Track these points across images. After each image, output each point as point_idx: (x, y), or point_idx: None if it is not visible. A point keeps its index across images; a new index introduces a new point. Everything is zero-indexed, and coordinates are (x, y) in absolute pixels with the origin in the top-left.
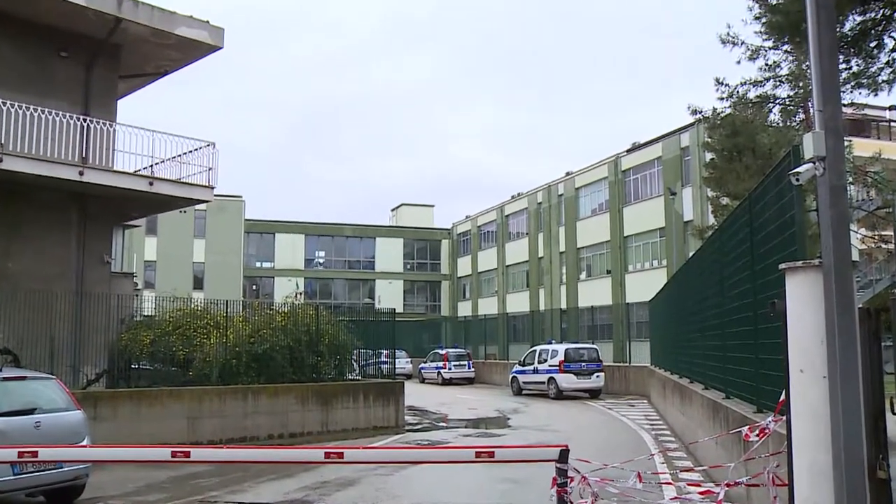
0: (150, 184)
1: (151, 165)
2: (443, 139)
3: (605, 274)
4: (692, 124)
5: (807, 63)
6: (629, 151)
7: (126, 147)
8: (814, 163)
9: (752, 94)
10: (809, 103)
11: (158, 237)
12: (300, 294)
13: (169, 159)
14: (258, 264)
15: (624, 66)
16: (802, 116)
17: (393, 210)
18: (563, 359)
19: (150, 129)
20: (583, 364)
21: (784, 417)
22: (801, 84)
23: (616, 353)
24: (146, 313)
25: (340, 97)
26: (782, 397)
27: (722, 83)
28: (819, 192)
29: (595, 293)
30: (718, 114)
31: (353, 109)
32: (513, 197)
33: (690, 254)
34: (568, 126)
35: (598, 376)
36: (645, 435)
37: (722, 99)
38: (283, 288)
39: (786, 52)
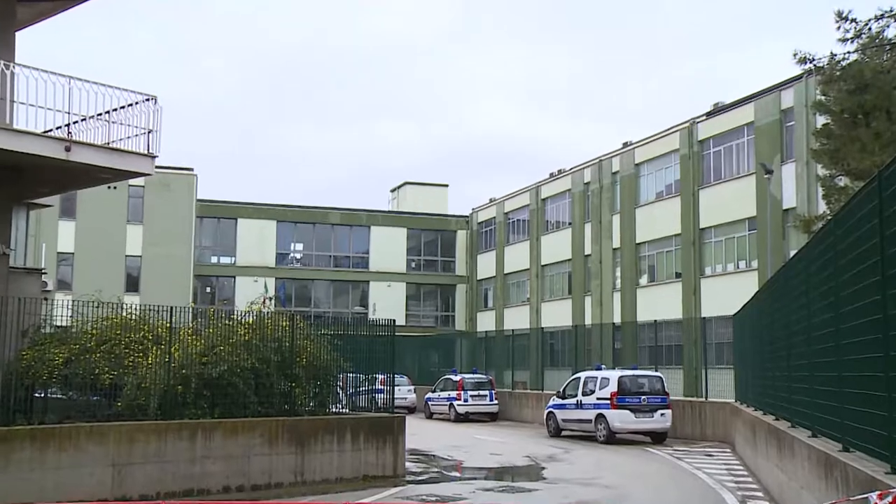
0: (67, 149)
1: (68, 124)
2: (460, 100)
3: (674, 278)
4: (798, 78)
5: None
6: (709, 115)
7: (31, 98)
8: None
9: (891, 32)
10: None
11: (78, 222)
12: (270, 299)
13: (93, 117)
14: (214, 259)
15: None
16: None
17: (394, 191)
18: (615, 390)
19: (65, 75)
20: (642, 398)
21: None
22: None
23: (688, 383)
24: (59, 323)
25: (327, 46)
26: None
27: (846, 17)
28: None
29: (660, 303)
30: (838, 62)
31: (343, 62)
32: (552, 175)
33: (791, 252)
34: (625, 83)
35: (662, 414)
36: (728, 497)
37: (845, 41)
38: (248, 291)
39: None
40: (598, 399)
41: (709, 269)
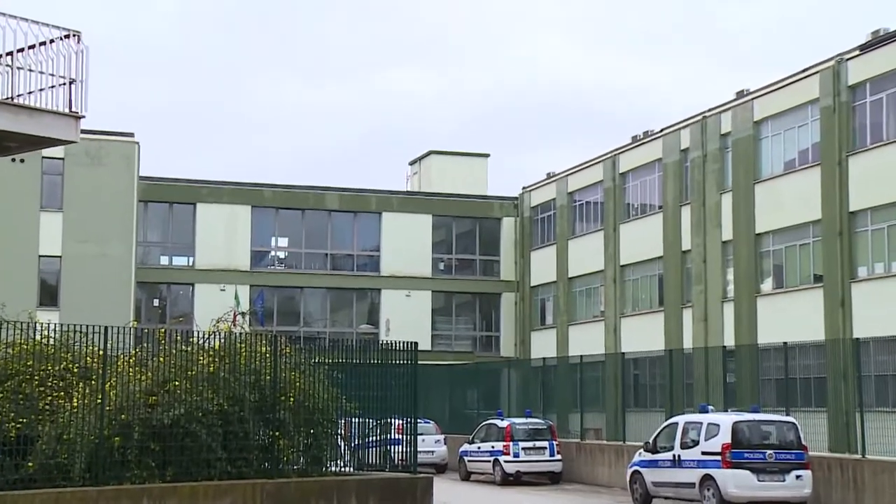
0: None
1: None
2: (503, 39)
3: (812, 282)
4: None
5: None
6: (863, 50)
7: None
8: None
9: None
10: None
11: None
12: (243, 315)
13: None
14: (164, 260)
15: None
16: None
17: (414, 163)
18: (728, 441)
19: None
20: (768, 452)
21: None
22: None
23: (836, 433)
24: None
25: None
26: None
27: None
28: None
29: (791, 318)
30: None
31: None
32: (634, 140)
33: None
34: (737, 6)
35: (798, 477)
36: None
37: None
38: (212, 304)
39: None
40: (703, 454)
41: (863, 271)
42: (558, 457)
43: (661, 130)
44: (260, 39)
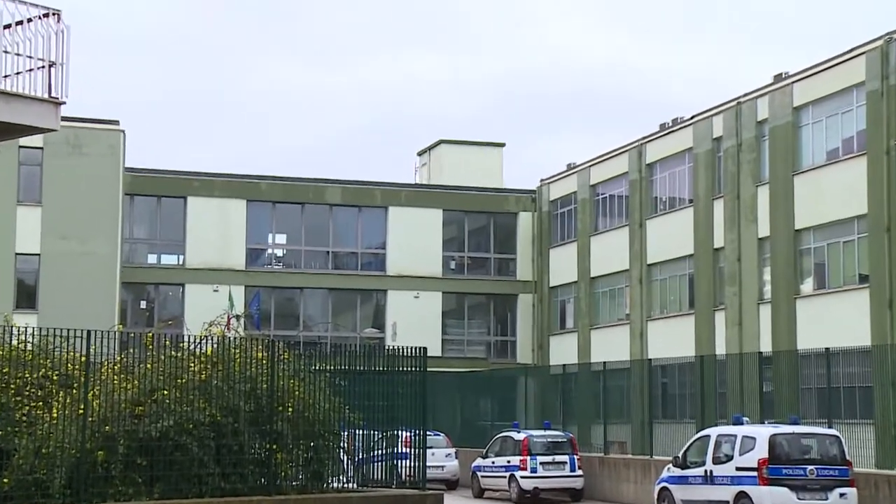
0: None
1: None
2: (518, 20)
3: (858, 283)
4: None
5: None
6: None
7: None
8: None
9: None
10: None
11: None
12: (238, 318)
13: None
14: (152, 259)
15: None
16: None
17: (423, 153)
18: (766, 456)
19: None
20: (809, 468)
21: None
22: None
23: (883, 447)
24: None
25: None
26: None
27: None
28: None
29: (835, 322)
30: None
31: None
32: (663, 128)
33: None
34: None
35: (842, 495)
36: None
37: None
38: (204, 306)
39: None
40: (737, 469)
41: None
42: (579, 472)
43: (692, 117)
44: (257, 20)
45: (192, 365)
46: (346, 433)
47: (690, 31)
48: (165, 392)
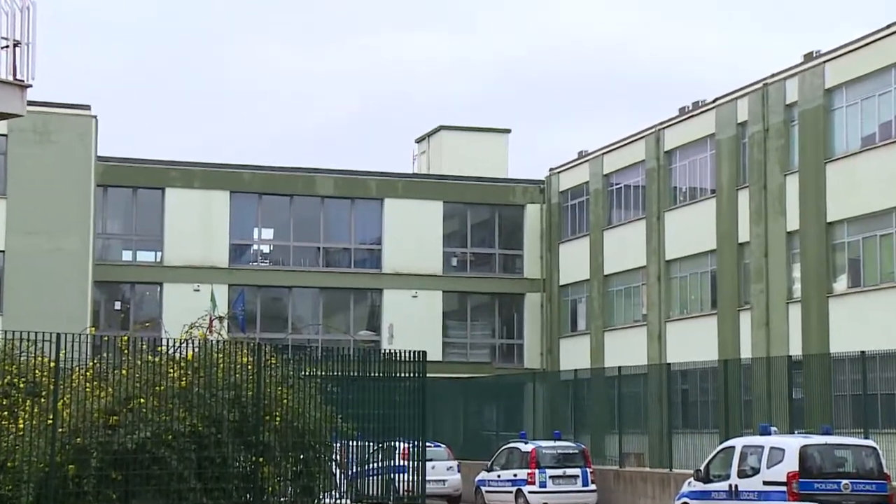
0: None
1: None
2: None
3: (895, 281)
4: None
5: None
6: None
7: None
8: None
9: None
10: None
11: None
12: (221, 320)
13: None
14: (127, 255)
15: None
16: None
17: (421, 141)
18: (796, 469)
19: None
20: (843, 482)
21: None
22: None
23: None
24: None
25: None
26: None
27: None
28: None
29: (870, 323)
30: None
31: None
32: (682, 112)
33: None
34: None
35: None
36: None
37: None
38: (184, 306)
39: None
40: (765, 483)
41: None
42: (592, 487)
43: (715, 101)
44: None
45: (172, 371)
46: (338, 445)
47: (712, 6)
48: (142, 400)
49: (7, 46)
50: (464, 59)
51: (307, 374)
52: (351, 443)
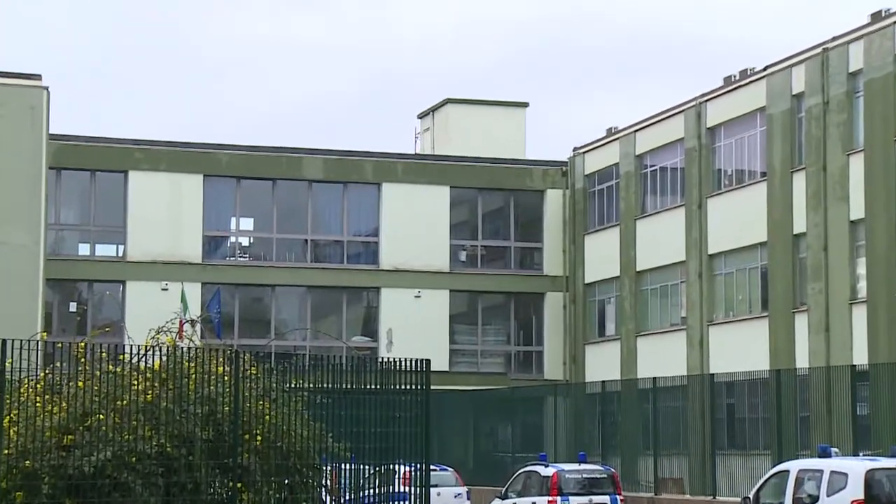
0: None
1: None
2: None
3: None
4: None
5: None
6: None
7: None
8: None
9: None
10: None
11: None
12: (194, 323)
13: None
14: (84, 249)
15: None
16: None
17: (424, 116)
18: (860, 497)
19: None
20: None
21: None
22: None
23: None
24: None
25: None
26: None
27: None
28: None
29: None
30: None
31: None
32: (727, 82)
33: None
34: None
35: None
36: None
37: None
38: (150, 307)
39: None
40: None
41: None
42: None
43: (765, 69)
44: None
45: (136, 383)
46: (329, 468)
47: None
48: (101, 417)
49: None
50: (473, 23)
51: (293, 386)
52: (344, 466)
